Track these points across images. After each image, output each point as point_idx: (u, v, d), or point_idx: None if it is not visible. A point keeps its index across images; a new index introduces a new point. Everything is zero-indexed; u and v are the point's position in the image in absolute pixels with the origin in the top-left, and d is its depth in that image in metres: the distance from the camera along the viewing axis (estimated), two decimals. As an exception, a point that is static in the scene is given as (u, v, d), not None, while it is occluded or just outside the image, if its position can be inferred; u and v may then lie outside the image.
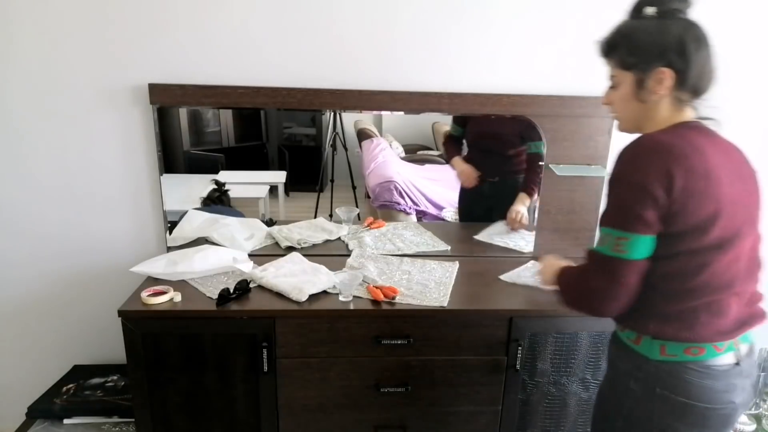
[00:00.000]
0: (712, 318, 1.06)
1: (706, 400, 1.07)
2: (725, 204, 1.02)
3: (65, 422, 1.80)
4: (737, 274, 1.07)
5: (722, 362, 1.07)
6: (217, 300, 1.57)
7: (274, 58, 1.80)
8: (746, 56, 1.92)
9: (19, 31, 1.72)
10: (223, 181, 2.00)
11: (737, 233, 1.05)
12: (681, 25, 1.07)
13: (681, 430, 1.09)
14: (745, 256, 1.08)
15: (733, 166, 1.09)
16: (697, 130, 1.09)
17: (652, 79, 1.08)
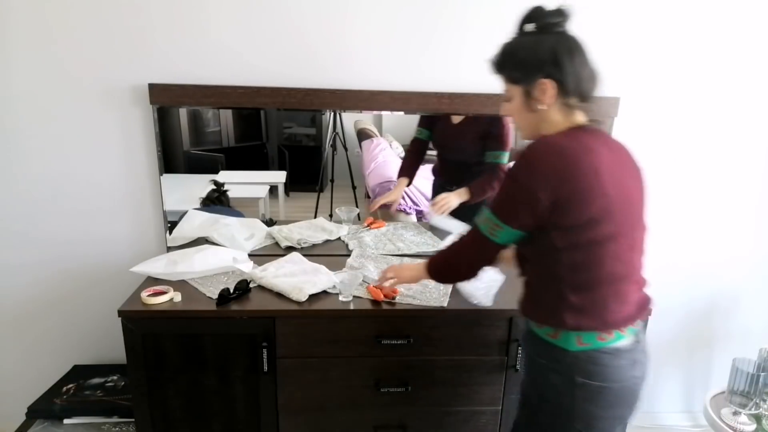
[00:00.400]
0: (619, 306, 1.15)
1: (617, 379, 1.15)
2: (616, 199, 1.10)
3: (65, 422, 1.80)
4: (636, 263, 1.19)
5: (627, 343, 1.18)
6: (217, 300, 1.57)
7: (274, 58, 1.80)
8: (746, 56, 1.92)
9: (19, 32, 1.72)
10: (222, 182, 2.00)
11: (632, 225, 1.15)
12: (554, 39, 1.15)
13: (599, 414, 1.17)
14: (638, 246, 1.19)
15: (623, 164, 1.18)
16: (589, 132, 1.17)
17: (537, 90, 1.16)
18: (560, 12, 1.16)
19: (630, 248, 1.16)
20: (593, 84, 1.19)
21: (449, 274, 1.39)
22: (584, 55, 1.17)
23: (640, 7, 1.84)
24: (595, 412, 1.17)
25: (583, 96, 1.18)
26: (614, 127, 1.92)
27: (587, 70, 1.17)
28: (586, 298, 1.14)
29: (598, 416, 1.17)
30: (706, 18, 1.87)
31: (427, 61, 1.84)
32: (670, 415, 2.37)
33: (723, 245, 2.14)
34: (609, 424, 1.20)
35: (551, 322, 1.19)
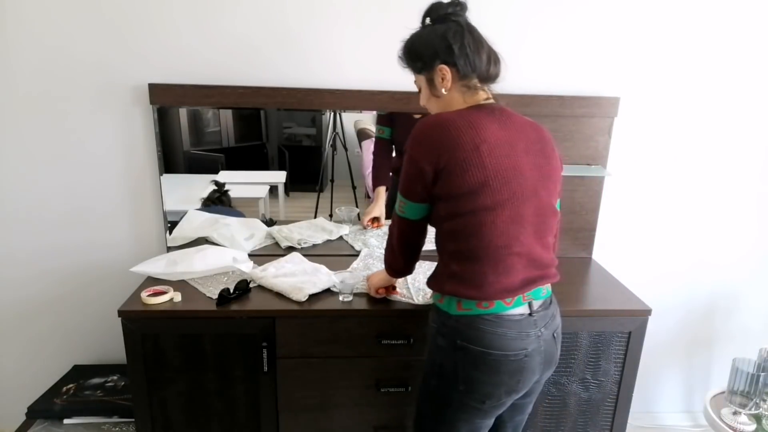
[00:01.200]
0: (498, 278, 1.19)
1: (498, 347, 1.19)
2: (498, 172, 1.16)
3: (65, 422, 1.80)
4: (516, 236, 1.19)
5: (514, 313, 1.21)
6: (217, 300, 1.57)
7: (274, 58, 1.80)
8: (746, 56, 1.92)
9: (19, 32, 1.72)
10: (223, 182, 2.00)
11: (511, 198, 1.17)
12: (446, 27, 1.23)
13: (479, 378, 1.21)
14: (527, 221, 1.20)
15: (517, 140, 1.21)
16: (484, 110, 1.22)
17: (437, 76, 1.24)
18: (454, 3, 1.25)
19: (512, 221, 1.18)
20: (490, 64, 1.25)
21: (394, 262, 1.43)
22: (477, 39, 1.24)
23: (640, 7, 1.84)
24: (477, 376, 1.21)
25: (482, 77, 1.25)
26: (614, 127, 1.92)
27: (481, 52, 1.23)
28: (465, 266, 1.20)
29: (480, 381, 1.21)
30: (706, 18, 1.87)
31: (427, 61, 1.84)
32: (670, 415, 2.37)
33: (723, 245, 2.14)
34: (493, 391, 1.22)
35: (437, 288, 1.27)
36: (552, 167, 1.26)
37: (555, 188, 1.28)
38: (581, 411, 1.75)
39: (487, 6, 1.80)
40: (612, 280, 1.87)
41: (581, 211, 2.00)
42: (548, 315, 1.28)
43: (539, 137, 1.26)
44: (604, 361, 1.70)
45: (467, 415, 1.27)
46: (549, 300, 1.31)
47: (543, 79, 1.89)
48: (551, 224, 1.27)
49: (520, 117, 1.27)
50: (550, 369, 1.31)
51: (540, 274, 1.24)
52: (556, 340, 1.29)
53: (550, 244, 1.28)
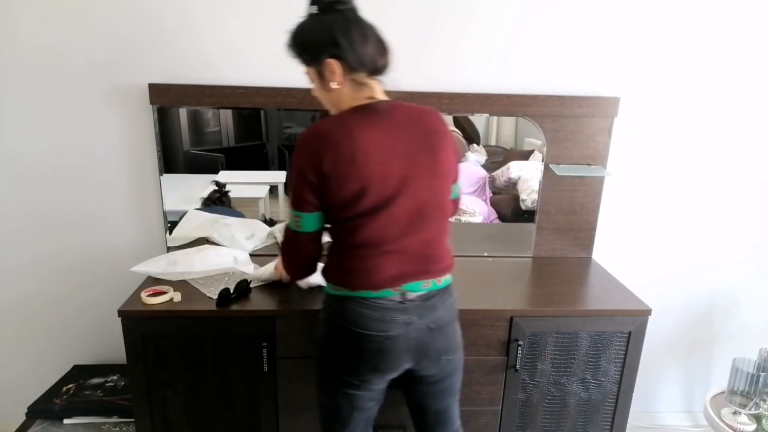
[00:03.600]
0: (367, 275, 1.24)
1: (359, 325, 1.25)
2: (373, 180, 1.18)
3: (65, 422, 1.80)
4: (388, 237, 1.23)
5: (381, 298, 1.25)
6: (217, 300, 1.57)
7: (274, 58, 1.80)
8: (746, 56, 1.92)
9: (19, 32, 1.72)
10: (224, 182, 2.00)
11: (385, 203, 1.20)
12: (331, 18, 1.19)
13: (343, 352, 1.29)
14: (403, 222, 1.23)
15: (399, 142, 1.21)
16: (366, 112, 1.21)
17: (326, 70, 1.21)
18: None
19: (386, 223, 1.21)
20: (380, 57, 1.23)
21: (291, 272, 1.42)
22: (364, 31, 1.21)
23: (640, 7, 1.84)
24: (341, 349, 1.29)
25: (372, 70, 1.23)
26: (614, 127, 1.92)
27: (369, 44, 1.20)
28: (339, 261, 1.28)
29: (344, 354, 1.29)
30: (706, 18, 1.87)
31: (428, 61, 1.84)
32: (670, 415, 2.38)
33: (723, 245, 2.14)
34: (356, 366, 1.29)
35: (323, 271, 1.34)
36: (437, 161, 1.25)
37: (442, 183, 1.28)
38: (581, 411, 1.75)
39: (486, 5, 1.80)
40: (612, 280, 1.87)
41: (581, 211, 2.00)
42: (426, 306, 1.29)
43: (425, 131, 1.24)
44: (604, 361, 1.70)
45: (343, 388, 1.33)
46: (433, 294, 1.31)
47: (543, 79, 1.89)
48: (435, 221, 1.28)
49: (405, 111, 1.25)
50: (428, 359, 1.32)
51: (417, 270, 1.27)
52: (432, 331, 1.30)
53: (433, 239, 1.28)
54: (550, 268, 1.95)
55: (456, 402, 1.46)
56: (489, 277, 1.83)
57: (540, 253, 2.05)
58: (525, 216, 2.07)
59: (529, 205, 2.05)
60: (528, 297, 1.71)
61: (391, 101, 1.26)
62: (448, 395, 1.43)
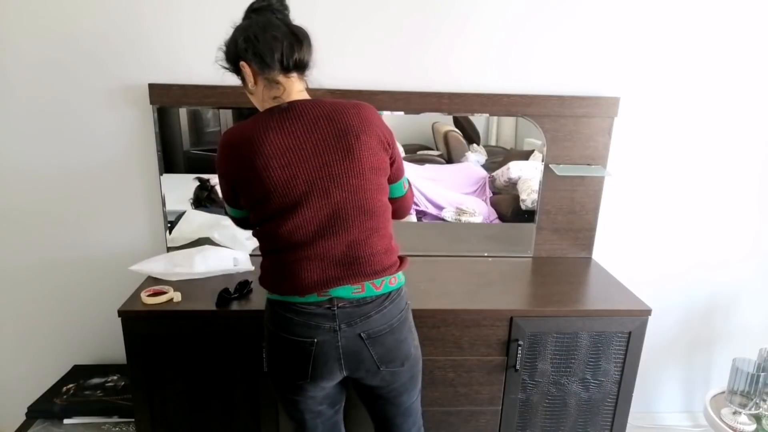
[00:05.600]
0: (286, 279, 1.24)
1: (287, 331, 1.25)
2: (276, 185, 1.18)
3: (65, 422, 1.80)
4: (302, 239, 1.21)
5: (305, 303, 1.24)
6: (217, 300, 1.57)
7: (274, 58, 1.80)
8: (746, 56, 1.92)
9: (19, 31, 1.72)
10: (207, 177, 1.98)
11: (294, 206, 1.19)
12: (240, 25, 1.25)
13: (274, 356, 1.30)
14: (318, 225, 1.21)
15: (306, 144, 1.19)
16: (271, 115, 1.21)
17: (243, 74, 1.25)
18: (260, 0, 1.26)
19: (298, 227, 1.20)
20: (291, 54, 1.21)
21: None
22: (271, 29, 1.20)
23: (640, 7, 1.84)
24: (272, 353, 1.30)
25: (284, 68, 1.22)
26: (614, 127, 1.92)
27: (276, 41, 1.19)
28: (265, 264, 1.30)
29: (275, 358, 1.30)
30: (706, 18, 1.87)
31: (427, 61, 1.84)
32: (670, 415, 2.37)
33: (723, 245, 2.14)
34: (286, 371, 1.28)
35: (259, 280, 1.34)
36: (354, 159, 1.20)
37: (363, 182, 1.22)
38: (581, 411, 1.75)
39: (485, 5, 1.80)
40: (612, 280, 1.87)
41: (581, 211, 2.00)
42: (356, 314, 1.23)
43: (338, 129, 1.20)
44: (604, 361, 1.70)
45: (285, 393, 1.33)
46: (368, 300, 1.25)
47: (543, 79, 1.89)
48: (358, 222, 1.22)
49: (318, 110, 1.22)
50: (364, 370, 1.28)
51: (343, 274, 1.22)
52: (364, 341, 1.24)
53: (359, 241, 1.23)
54: (550, 268, 1.95)
55: (408, 419, 1.42)
56: (489, 277, 1.83)
57: (540, 253, 2.05)
58: (525, 216, 2.07)
59: (529, 205, 2.05)
60: (528, 297, 1.72)
61: (304, 100, 1.23)
62: (396, 409, 1.39)
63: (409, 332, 1.33)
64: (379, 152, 1.24)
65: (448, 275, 1.84)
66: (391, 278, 1.28)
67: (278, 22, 1.22)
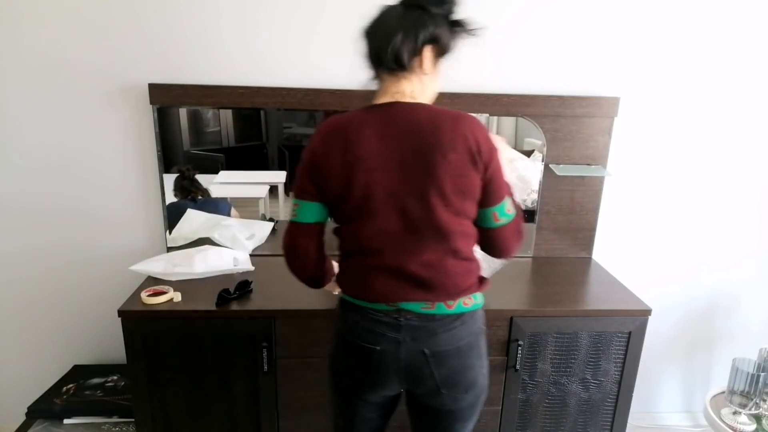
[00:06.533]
0: (357, 284, 1.21)
1: (353, 334, 1.22)
2: (354, 187, 1.13)
3: (65, 422, 1.80)
4: (378, 249, 1.17)
5: (375, 309, 1.21)
6: (217, 300, 1.57)
7: (273, 58, 1.80)
8: (746, 56, 1.92)
9: (20, 31, 1.72)
10: (187, 166, 1.91)
11: (369, 212, 1.15)
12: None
13: (336, 356, 1.28)
14: (393, 235, 1.15)
15: (395, 152, 1.13)
16: (374, 114, 1.16)
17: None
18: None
19: (374, 236, 1.16)
20: (388, 54, 1.14)
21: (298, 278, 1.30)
22: (379, 28, 1.15)
23: (640, 7, 1.84)
24: (336, 354, 1.29)
25: (388, 69, 1.16)
26: (614, 127, 1.92)
27: (379, 39, 1.15)
28: (341, 266, 1.26)
29: (337, 359, 1.28)
30: (706, 18, 1.87)
31: (427, 61, 1.84)
32: (670, 415, 2.38)
33: (723, 245, 2.14)
34: (344, 374, 1.27)
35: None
36: (436, 178, 1.12)
37: (441, 204, 1.13)
38: (581, 411, 1.75)
39: (485, 5, 1.80)
40: (612, 280, 1.87)
41: (581, 211, 2.00)
42: (423, 329, 1.18)
43: (428, 144, 1.11)
44: (604, 361, 1.70)
45: (341, 392, 1.30)
46: (438, 318, 1.19)
47: (543, 79, 1.89)
48: (434, 242, 1.16)
49: (412, 117, 1.14)
50: (424, 387, 1.22)
51: (415, 290, 1.18)
52: (427, 357, 1.19)
53: (433, 263, 1.17)
54: (550, 268, 1.95)
55: None
56: (489, 277, 1.83)
57: (540, 253, 2.05)
58: (525, 216, 2.07)
59: (529, 205, 2.05)
60: (528, 297, 1.72)
61: (405, 103, 1.16)
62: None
63: (478, 358, 1.24)
64: (467, 173, 1.13)
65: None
66: (467, 299, 1.21)
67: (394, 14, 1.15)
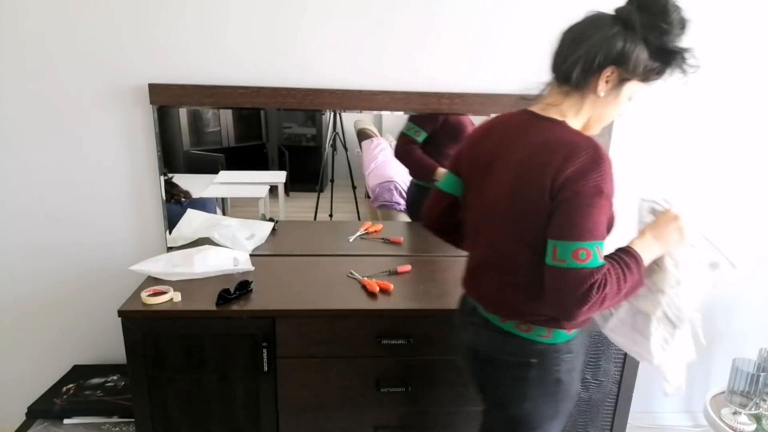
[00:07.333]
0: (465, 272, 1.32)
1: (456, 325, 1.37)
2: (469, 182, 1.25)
3: (65, 422, 1.80)
4: (471, 246, 1.29)
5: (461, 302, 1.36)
6: (217, 300, 1.57)
7: (274, 58, 1.80)
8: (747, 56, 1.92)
9: (19, 31, 1.72)
10: (164, 170, 1.88)
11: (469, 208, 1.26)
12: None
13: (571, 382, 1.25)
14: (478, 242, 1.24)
15: (499, 165, 1.15)
16: (516, 117, 1.21)
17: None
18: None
19: (471, 233, 1.26)
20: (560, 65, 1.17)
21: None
22: (571, 34, 1.18)
23: (640, 7, 1.84)
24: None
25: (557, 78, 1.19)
26: (614, 127, 1.92)
27: (563, 48, 1.17)
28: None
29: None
30: (705, 18, 1.87)
31: (427, 61, 1.84)
32: (670, 415, 2.37)
33: (723, 245, 2.14)
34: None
35: None
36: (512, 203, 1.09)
37: (509, 230, 1.11)
38: (581, 411, 1.75)
39: (486, 5, 1.80)
40: (612, 280, 1.86)
41: (581, 211, 2.00)
42: (472, 323, 1.27)
43: (527, 170, 1.08)
44: (604, 361, 1.69)
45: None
46: (483, 318, 1.24)
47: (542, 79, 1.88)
48: (493, 260, 1.18)
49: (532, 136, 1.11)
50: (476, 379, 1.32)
51: (472, 292, 1.30)
52: (473, 354, 1.28)
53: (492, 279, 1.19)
54: (550, 268, 1.95)
55: None
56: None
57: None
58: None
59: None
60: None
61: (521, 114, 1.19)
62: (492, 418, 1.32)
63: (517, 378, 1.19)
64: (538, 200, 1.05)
65: (448, 275, 1.84)
66: (524, 325, 1.17)
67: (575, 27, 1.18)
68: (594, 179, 1.01)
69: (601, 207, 1.01)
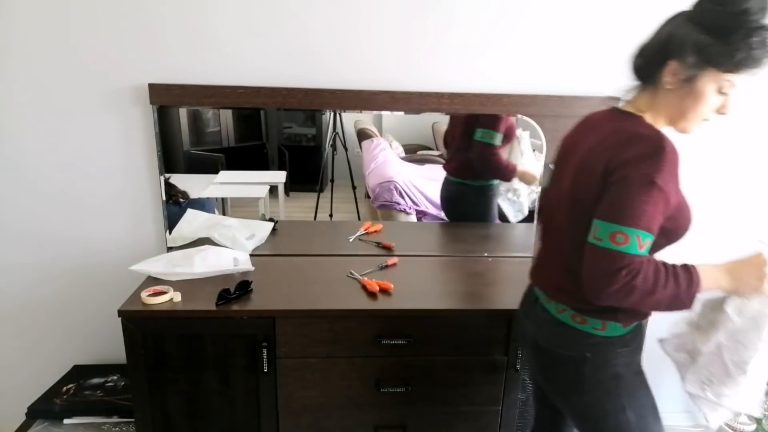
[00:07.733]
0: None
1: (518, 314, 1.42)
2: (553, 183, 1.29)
3: (65, 422, 1.80)
4: (540, 237, 1.35)
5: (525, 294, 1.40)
6: (217, 300, 1.57)
7: (274, 58, 1.80)
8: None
9: (19, 32, 1.72)
10: (168, 175, 1.89)
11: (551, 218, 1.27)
12: None
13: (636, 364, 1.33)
14: (546, 231, 1.31)
15: (571, 154, 1.21)
16: (601, 113, 1.26)
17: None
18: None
19: (543, 222, 1.33)
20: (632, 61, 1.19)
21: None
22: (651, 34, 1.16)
23: (640, 7, 1.84)
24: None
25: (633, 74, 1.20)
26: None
27: (640, 46, 1.18)
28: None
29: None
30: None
31: (427, 61, 1.84)
32: (670, 415, 2.37)
33: (723, 245, 2.14)
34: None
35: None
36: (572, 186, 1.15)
37: (569, 212, 1.16)
38: (581, 411, 1.75)
39: (486, 5, 1.80)
40: (612, 280, 1.86)
41: (581, 211, 2.00)
42: (533, 315, 1.32)
43: (590, 155, 1.11)
44: (604, 361, 1.69)
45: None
46: (543, 309, 1.27)
47: (543, 79, 1.89)
48: (559, 245, 1.23)
49: (605, 127, 1.15)
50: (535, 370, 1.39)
51: (537, 281, 1.33)
52: (533, 345, 1.31)
53: (557, 264, 1.23)
54: (550, 268, 1.95)
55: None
56: (489, 277, 1.83)
57: (540, 253, 2.05)
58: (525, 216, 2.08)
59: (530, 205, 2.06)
60: (528, 297, 1.71)
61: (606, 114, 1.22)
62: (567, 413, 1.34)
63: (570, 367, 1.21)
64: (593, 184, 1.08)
65: (448, 275, 1.85)
66: (579, 317, 1.18)
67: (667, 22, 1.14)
68: (647, 169, 1.01)
69: (651, 197, 1.00)
